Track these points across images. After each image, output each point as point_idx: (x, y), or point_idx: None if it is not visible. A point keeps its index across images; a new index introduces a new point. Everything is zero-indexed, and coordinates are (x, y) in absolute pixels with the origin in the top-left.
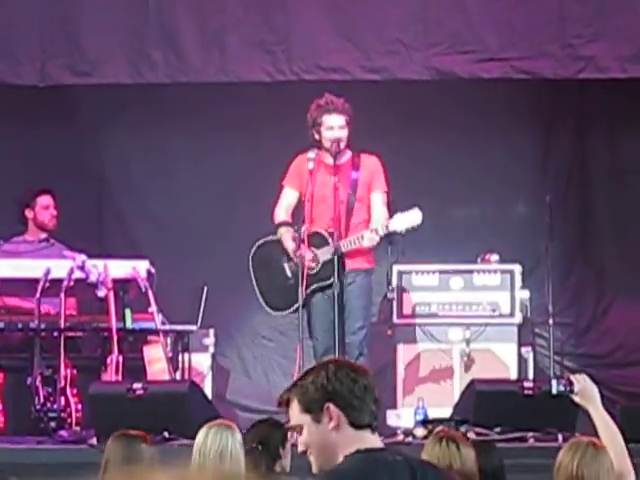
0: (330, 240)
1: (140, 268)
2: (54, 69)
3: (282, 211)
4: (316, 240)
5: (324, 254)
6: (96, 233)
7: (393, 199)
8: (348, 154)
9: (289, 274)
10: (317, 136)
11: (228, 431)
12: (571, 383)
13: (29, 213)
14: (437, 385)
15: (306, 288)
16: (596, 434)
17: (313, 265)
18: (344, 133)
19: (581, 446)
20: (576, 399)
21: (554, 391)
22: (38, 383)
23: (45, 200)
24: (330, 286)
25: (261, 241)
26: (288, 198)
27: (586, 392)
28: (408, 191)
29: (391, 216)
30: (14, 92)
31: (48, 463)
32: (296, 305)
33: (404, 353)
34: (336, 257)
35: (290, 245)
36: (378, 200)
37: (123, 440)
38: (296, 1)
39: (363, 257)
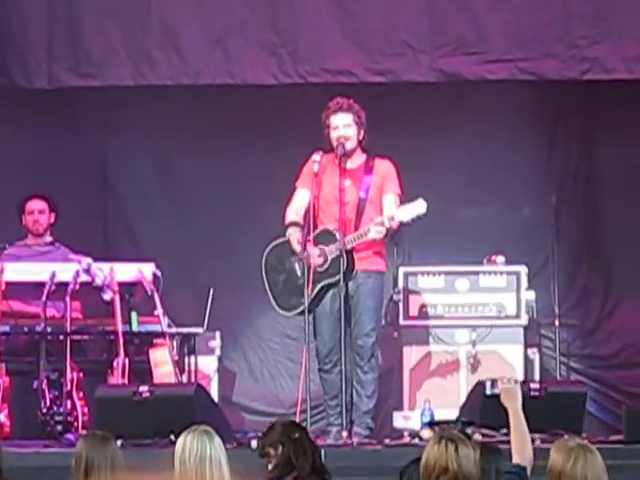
0: (338, 237)
1: (146, 271)
2: (60, 72)
3: (292, 211)
4: (324, 237)
5: (332, 251)
6: (101, 236)
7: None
8: (362, 157)
9: (299, 274)
10: (329, 139)
11: (206, 436)
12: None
13: (23, 219)
14: (443, 387)
15: (315, 285)
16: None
17: (321, 261)
18: (350, 132)
19: (574, 449)
20: (501, 399)
21: (488, 392)
22: (44, 387)
23: (31, 205)
24: (339, 282)
25: (273, 244)
26: (300, 199)
27: (509, 393)
28: (413, 193)
29: None
30: (21, 96)
31: (55, 466)
32: (304, 307)
33: (410, 355)
34: (344, 255)
35: (297, 246)
36: (390, 201)
37: (99, 440)
38: (302, 2)
39: (375, 259)
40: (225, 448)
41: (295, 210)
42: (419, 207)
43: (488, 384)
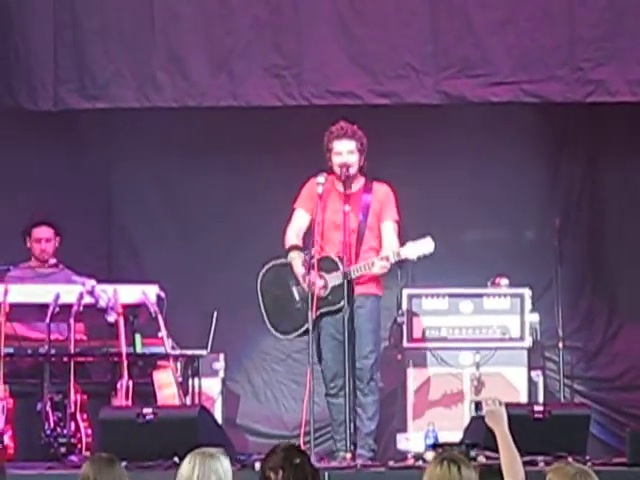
0: (340, 265)
1: (150, 293)
2: (66, 94)
3: (293, 234)
4: (326, 265)
5: (334, 279)
6: (105, 258)
7: (404, 224)
8: (361, 181)
9: (297, 298)
10: (330, 162)
11: (202, 460)
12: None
13: (29, 243)
14: (447, 409)
15: (315, 312)
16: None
17: (322, 291)
18: (352, 158)
19: (576, 477)
20: (487, 421)
21: (473, 414)
22: (48, 408)
23: (38, 233)
24: (339, 310)
25: (270, 264)
26: (299, 221)
27: (494, 415)
28: (418, 216)
29: (402, 243)
30: (26, 118)
31: None
32: (302, 329)
33: (414, 377)
34: (346, 282)
35: (300, 270)
36: (389, 229)
37: (105, 462)
38: (307, 25)
39: (372, 283)
40: None
41: (295, 232)
42: (427, 246)
43: (472, 406)
